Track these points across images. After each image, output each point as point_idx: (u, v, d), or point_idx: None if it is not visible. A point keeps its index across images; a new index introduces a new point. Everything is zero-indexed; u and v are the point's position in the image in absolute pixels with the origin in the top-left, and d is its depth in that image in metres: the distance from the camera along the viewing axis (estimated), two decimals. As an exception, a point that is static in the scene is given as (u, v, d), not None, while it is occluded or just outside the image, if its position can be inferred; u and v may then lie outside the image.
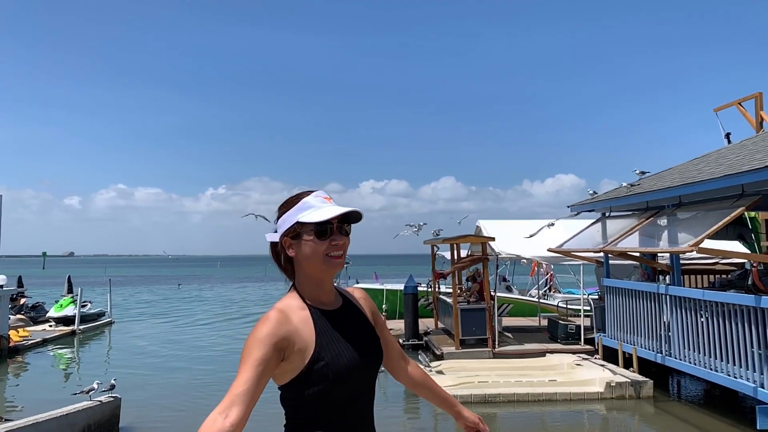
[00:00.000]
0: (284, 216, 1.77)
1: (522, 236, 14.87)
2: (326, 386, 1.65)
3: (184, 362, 14.55)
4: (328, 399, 1.67)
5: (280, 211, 1.80)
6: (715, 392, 10.44)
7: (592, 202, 12.65)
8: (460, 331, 13.08)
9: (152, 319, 24.40)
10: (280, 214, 1.79)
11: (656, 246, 9.76)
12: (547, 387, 10.33)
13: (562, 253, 12.66)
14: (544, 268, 21.55)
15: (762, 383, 7.71)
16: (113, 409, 8.59)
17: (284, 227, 1.76)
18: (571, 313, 16.44)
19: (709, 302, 8.78)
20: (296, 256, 1.77)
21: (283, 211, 1.78)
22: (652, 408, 9.82)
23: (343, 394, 1.69)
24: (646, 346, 10.54)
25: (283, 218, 1.77)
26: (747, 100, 12.92)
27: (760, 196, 8.14)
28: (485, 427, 2.14)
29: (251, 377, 1.55)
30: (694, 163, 11.00)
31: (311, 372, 1.65)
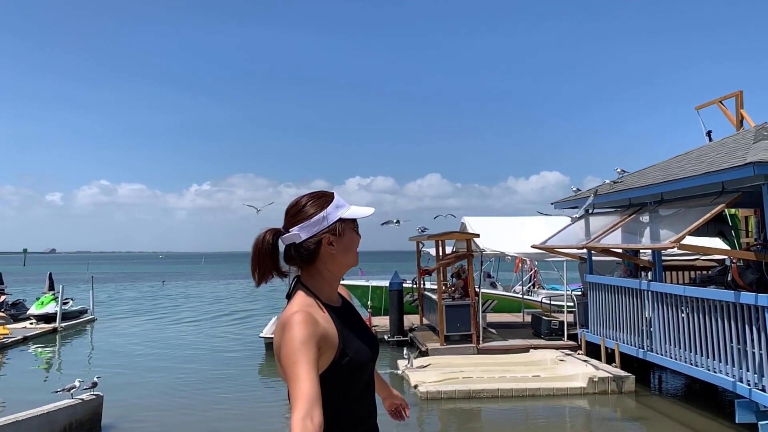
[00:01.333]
0: (322, 214, 1.84)
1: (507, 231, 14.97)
2: (350, 381, 1.77)
3: (168, 360, 14.45)
4: (350, 393, 1.79)
5: (309, 210, 1.85)
6: (695, 387, 10.60)
7: (576, 199, 12.74)
8: (444, 328, 13.14)
9: (136, 317, 24.20)
10: (311, 213, 1.84)
11: (638, 242, 9.86)
12: (531, 382, 10.41)
13: (546, 249, 12.75)
14: (528, 265, 21.68)
15: (740, 378, 7.83)
16: (95, 408, 8.51)
17: (323, 225, 1.83)
18: (555, 309, 16.57)
19: (690, 298, 8.90)
20: (334, 252, 1.85)
21: (314, 211, 1.84)
22: (634, 403, 9.94)
23: (360, 387, 1.82)
24: (628, 342, 10.66)
25: (320, 216, 1.83)
26: (728, 98, 13.07)
27: (739, 193, 8.24)
28: (407, 409, 2.34)
29: (315, 378, 1.61)
30: (676, 161, 11.12)
31: (338, 368, 1.75)
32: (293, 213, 1.87)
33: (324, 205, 1.86)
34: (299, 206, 1.87)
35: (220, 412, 9.76)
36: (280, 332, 1.72)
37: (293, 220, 1.86)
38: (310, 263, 1.86)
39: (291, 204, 1.91)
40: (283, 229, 1.87)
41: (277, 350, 1.73)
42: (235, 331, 19.71)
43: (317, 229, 1.83)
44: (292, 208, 1.88)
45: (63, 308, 19.66)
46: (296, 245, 1.84)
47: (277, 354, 1.73)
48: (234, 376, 12.42)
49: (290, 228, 1.85)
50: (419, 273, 16.96)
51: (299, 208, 1.87)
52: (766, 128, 9.43)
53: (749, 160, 7.54)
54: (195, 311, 26.35)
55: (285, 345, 1.66)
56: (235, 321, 22.44)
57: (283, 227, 1.88)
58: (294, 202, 1.90)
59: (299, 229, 1.84)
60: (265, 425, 9.00)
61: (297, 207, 1.88)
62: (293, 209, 1.88)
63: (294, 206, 1.88)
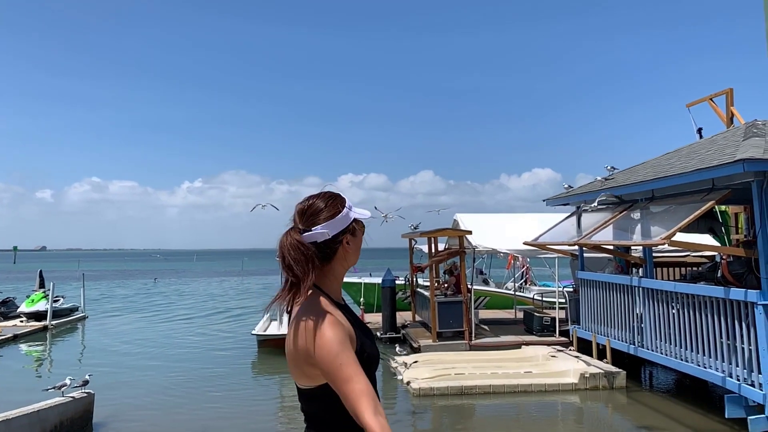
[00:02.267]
0: (344, 213, 1.89)
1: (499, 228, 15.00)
2: (368, 375, 1.78)
3: (160, 358, 14.40)
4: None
5: (332, 209, 1.89)
6: (685, 382, 10.67)
7: (567, 196, 12.79)
8: (437, 324, 13.16)
9: (127, 315, 24.09)
10: (335, 212, 1.88)
11: (629, 239, 9.90)
12: (523, 378, 10.45)
13: (538, 246, 12.78)
14: (520, 261, 21.75)
15: (730, 373, 7.89)
16: (86, 406, 8.48)
17: (342, 225, 1.89)
18: (547, 306, 16.63)
19: (681, 294, 8.96)
20: (349, 251, 1.92)
21: (336, 210, 1.89)
22: (625, 398, 10.00)
23: (373, 380, 1.84)
24: (620, 338, 10.72)
25: (342, 215, 1.89)
26: (718, 95, 13.15)
27: (729, 190, 8.29)
28: None
29: (364, 374, 1.70)
30: (666, 158, 11.17)
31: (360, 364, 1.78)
32: (312, 212, 1.89)
33: (342, 204, 1.92)
34: (318, 206, 1.90)
35: (212, 410, 9.74)
36: (308, 335, 1.73)
37: (314, 219, 1.87)
38: (328, 262, 1.89)
39: (307, 204, 1.92)
40: (302, 227, 1.87)
41: (303, 352, 1.75)
42: (227, 328, 19.66)
43: (340, 227, 1.88)
44: (310, 208, 1.90)
45: (53, 306, 19.55)
46: (319, 243, 1.85)
47: (302, 356, 1.75)
48: (226, 374, 12.40)
49: (311, 227, 1.86)
50: (412, 270, 16.98)
51: (320, 208, 1.89)
52: (756, 125, 9.49)
53: (739, 157, 7.58)
54: (187, 309, 26.26)
55: (324, 348, 1.70)
56: (228, 318, 22.38)
57: (302, 226, 1.87)
58: (310, 203, 1.91)
59: (325, 227, 1.86)
60: (258, 423, 8.99)
61: (316, 207, 1.90)
62: (312, 209, 1.90)
63: (312, 206, 1.90)
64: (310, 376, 1.77)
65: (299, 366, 1.78)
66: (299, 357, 1.77)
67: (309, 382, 1.78)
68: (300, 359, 1.76)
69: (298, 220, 1.90)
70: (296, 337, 1.77)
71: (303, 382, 1.80)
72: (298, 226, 1.88)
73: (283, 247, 1.83)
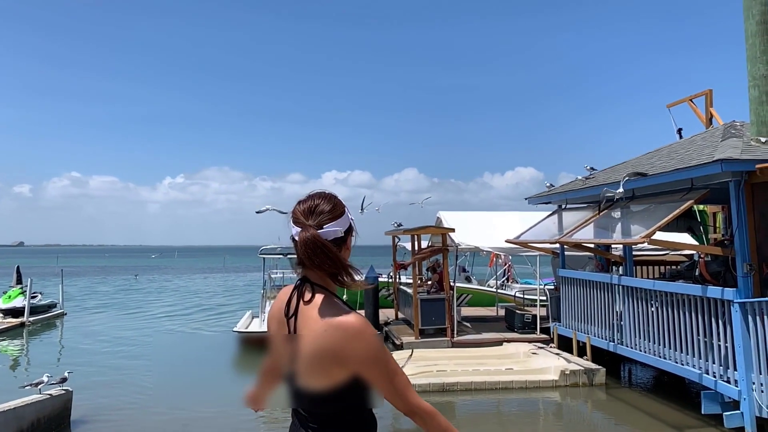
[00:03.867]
0: (344, 215, 1.91)
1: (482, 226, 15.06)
2: None
3: (139, 356, 14.27)
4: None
5: (338, 208, 1.90)
6: (663, 379, 10.82)
7: (549, 194, 12.88)
8: (419, 321, 13.18)
9: (107, 312, 23.82)
10: (341, 211, 1.90)
11: (610, 237, 10.01)
12: (504, 375, 10.52)
13: (520, 244, 12.87)
14: (502, 259, 21.86)
15: (707, 370, 8.02)
16: (64, 403, 8.37)
17: (347, 223, 1.91)
18: (528, 303, 16.75)
19: (659, 292, 9.07)
20: (348, 250, 1.94)
21: (340, 210, 1.90)
22: (605, 395, 10.12)
23: None
24: (600, 335, 10.83)
25: (343, 217, 1.90)
26: (698, 96, 13.33)
27: (708, 189, 8.41)
28: None
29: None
30: (647, 157, 11.30)
31: None
32: (321, 211, 1.87)
33: (342, 204, 1.93)
34: (324, 205, 1.89)
35: (192, 408, 9.67)
36: (346, 335, 1.73)
37: (322, 217, 1.86)
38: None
39: (313, 204, 1.89)
40: (314, 224, 1.85)
41: (333, 353, 1.73)
42: (209, 326, 19.53)
43: (347, 225, 1.91)
44: (317, 207, 1.88)
45: (31, 302, 19.27)
46: (330, 241, 1.85)
47: (329, 356, 1.74)
48: (207, 372, 12.32)
49: (323, 225, 1.85)
50: (395, 267, 16.99)
51: (327, 207, 1.88)
52: (734, 126, 9.64)
53: (717, 157, 7.70)
54: (168, 306, 26.03)
55: (370, 347, 1.75)
56: (209, 316, 22.23)
57: (313, 223, 1.85)
58: (316, 203, 1.89)
59: (337, 225, 1.86)
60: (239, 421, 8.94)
61: (323, 206, 1.89)
62: (319, 208, 1.88)
63: (318, 206, 1.88)
64: (333, 376, 1.74)
65: (323, 366, 1.74)
66: (325, 357, 1.74)
67: (328, 382, 1.75)
68: (326, 359, 1.74)
69: (305, 219, 1.87)
70: (322, 338, 1.74)
71: (321, 383, 1.75)
72: (310, 224, 1.85)
73: (308, 244, 1.80)
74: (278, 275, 19.43)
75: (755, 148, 8.14)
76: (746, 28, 8.54)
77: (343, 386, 1.74)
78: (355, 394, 1.76)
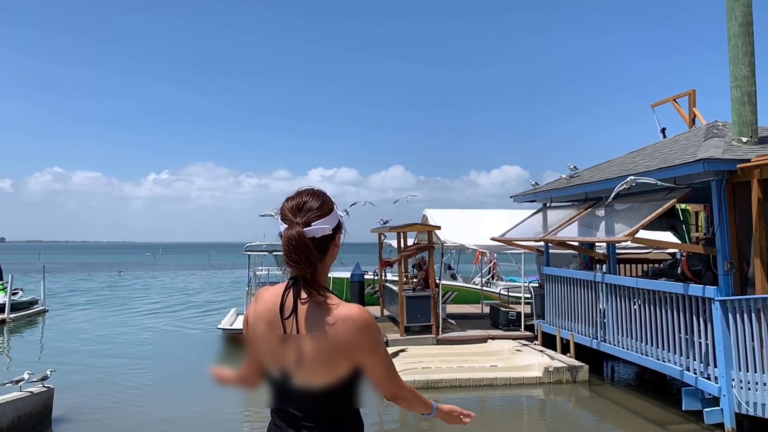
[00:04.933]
0: (333, 213, 1.91)
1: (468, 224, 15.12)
2: None
3: (122, 353, 14.14)
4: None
5: (326, 205, 1.90)
6: (645, 376, 10.94)
7: (534, 192, 12.95)
8: (405, 318, 13.21)
9: (90, 309, 23.57)
10: (329, 208, 1.89)
11: (594, 236, 10.09)
12: (488, 372, 10.58)
13: (505, 241, 12.93)
14: (487, 257, 21.96)
15: (688, 367, 8.12)
16: (45, 401, 8.28)
17: (336, 220, 1.91)
18: (513, 301, 16.84)
19: (642, 290, 9.16)
20: (337, 248, 1.94)
21: (329, 207, 1.90)
22: (587, 392, 10.21)
23: None
24: (583, 333, 10.92)
25: (334, 212, 1.91)
26: (681, 96, 13.46)
27: (690, 188, 8.51)
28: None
29: None
30: (630, 156, 11.40)
31: None
32: (309, 208, 1.87)
33: (331, 201, 1.93)
34: (312, 203, 1.88)
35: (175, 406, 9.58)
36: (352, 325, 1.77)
37: (310, 215, 1.86)
38: (323, 257, 1.88)
39: (301, 201, 1.89)
40: (301, 221, 1.85)
41: (345, 344, 1.76)
42: (193, 323, 19.41)
43: (336, 222, 1.90)
44: (306, 204, 1.88)
45: (12, 299, 19.02)
46: (318, 239, 1.85)
47: (340, 348, 1.76)
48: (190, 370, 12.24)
49: (311, 222, 1.85)
50: (381, 264, 17.00)
51: (314, 205, 1.88)
52: (717, 126, 9.75)
53: (699, 156, 7.79)
54: (152, 303, 25.84)
55: (374, 336, 1.81)
56: (194, 313, 22.09)
57: (300, 220, 1.85)
58: (304, 200, 1.89)
59: (326, 222, 1.86)
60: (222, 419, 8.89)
61: (312, 203, 1.88)
62: (308, 205, 1.87)
63: (307, 203, 1.88)
64: (338, 370, 1.77)
65: (330, 361, 1.76)
66: (335, 351, 1.76)
67: (332, 377, 1.77)
68: (336, 353, 1.76)
69: (293, 216, 1.87)
70: (332, 332, 1.76)
71: (325, 378, 1.77)
72: (297, 221, 1.85)
73: (291, 241, 1.81)
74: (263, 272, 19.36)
75: (737, 148, 8.24)
76: (729, 29, 8.64)
77: (344, 380, 1.78)
78: (352, 389, 1.80)
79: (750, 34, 8.52)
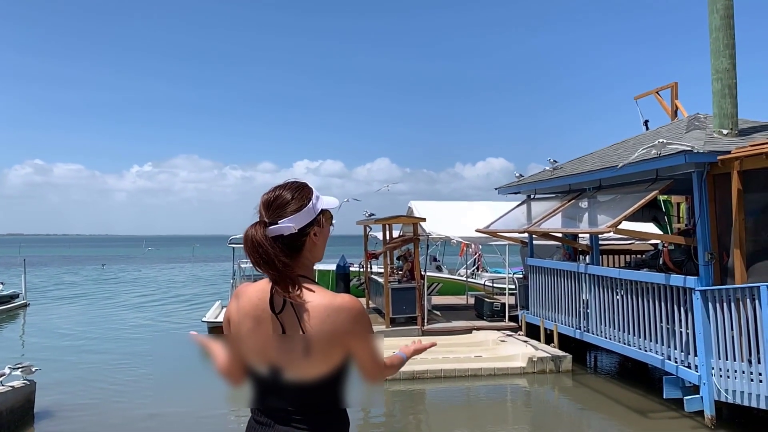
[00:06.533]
0: (309, 206, 1.88)
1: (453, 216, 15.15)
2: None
3: (106, 347, 14.03)
4: None
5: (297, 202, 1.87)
6: (627, 365, 11.08)
7: (518, 184, 13.02)
8: (390, 310, 13.24)
9: (72, 302, 23.34)
10: (300, 205, 1.87)
11: (577, 227, 10.17)
12: (473, 363, 10.65)
13: (489, 233, 12.99)
14: (472, 249, 22.05)
15: (669, 356, 8.24)
16: (27, 395, 8.20)
17: (309, 217, 1.88)
18: (497, 292, 16.95)
19: (624, 280, 9.27)
20: (317, 243, 1.92)
21: (302, 203, 1.87)
22: (571, 381, 10.32)
23: None
24: (566, 323, 11.03)
25: (309, 207, 1.87)
26: (664, 89, 13.56)
27: (672, 180, 8.60)
28: None
29: None
30: (613, 148, 11.48)
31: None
32: (279, 205, 1.86)
33: (309, 196, 1.90)
34: (285, 198, 1.87)
35: (159, 398, 9.57)
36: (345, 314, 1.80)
37: (281, 212, 1.85)
38: (298, 253, 1.87)
39: (273, 196, 1.89)
40: (268, 221, 1.85)
41: (341, 331, 1.80)
42: (177, 316, 19.30)
43: (307, 220, 1.87)
44: (277, 200, 1.87)
45: (-8, 293, 18.77)
46: (286, 237, 1.84)
47: (338, 336, 1.79)
48: (174, 363, 12.18)
49: (278, 220, 1.84)
50: (366, 256, 17.00)
51: (286, 200, 1.87)
52: (698, 119, 9.85)
53: (681, 148, 7.86)
54: (136, 296, 25.63)
55: (366, 323, 1.87)
56: (178, 306, 21.96)
57: (268, 219, 1.85)
58: (276, 195, 1.88)
59: (291, 221, 1.84)
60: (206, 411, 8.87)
61: (283, 199, 1.87)
62: (278, 201, 1.87)
63: (278, 198, 1.88)
64: (332, 359, 1.79)
65: (325, 351, 1.78)
66: (331, 340, 1.78)
67: (327, 367, 1.79)
68: (332, 342, 1.78)
69: (264, 213, 1.87)
70: (326, 323, 1.78)
71: (319, 369, 1.78)
72: (264, 219, 1.85)
73: (247, 240, 1.82)
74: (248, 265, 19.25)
75: (717, 140, 8.34)
76: (710, 22, 8.71)
77: (336, 369, 1.80)
78: (342, 377, 1.83)
79: (731, 27, 8.60)
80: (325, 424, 1.83)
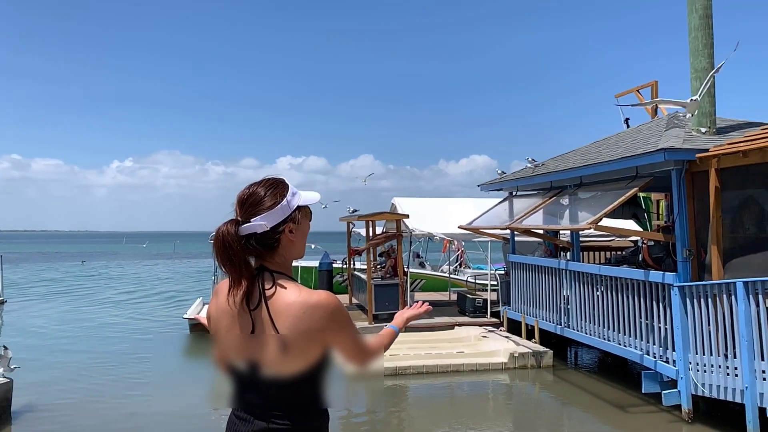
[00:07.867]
0: (284, 203, 1.86)
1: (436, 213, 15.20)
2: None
3: (86, 344, 13.88)
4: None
5: (270, 199, 1.86)
6: (607, 360, 11.22)
7: (501, 181, 13.08)
8: (373, 306, 13.26)
9: (51, 299, 23.03)
10: (273, 203, 1.85)
11: (558, 224, 10.25)
12: (455, 359, 10.71)
13: (472, 230, 13.04)
14: (455, 245, 22.14)
15: (648, 351, 8.35)
16: (4, 393, 8.07)
17: (284, 214, 1.86)
18: (480, 288, 17.04)
19: (605, 277, 9.37)
20: (294, 240, 1.90)
21: (275, 200, 1.86)
22: (552, 376, 10.42)
23: None
24: (547, 319, 11.13)
25: (282, 205, 1.86)
26: (644, 87, 13.70)
27: (651, 177, 8.70)
28: None
29: None
30: (595, 146, 11.59)
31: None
32: (253, 202, 1.86)
33: (283, 193, 1.88)
34: (259, 196, 1.87)
35: (141, 396, 9.48)
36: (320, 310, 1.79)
37: (254, 209, 1.85)
38: (274, 251, 1.87)
39: (247, 194, 1.88)
40: (241, 218, 1.84)
41: (317, 327, 1.79)
42: (158, 313, 19.13)
43: (280, 217, 1.85)
44: (251, 198, 1.87)
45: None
46: (259, 234, 1.83)
47: (313, 333, 1.78)
48: (156, 360, 12.08)
49: (251, 218, 1.83)
50: (349, 253, 16.99)
51: (260, 198, 1.86)
52: (678, 117, 9.97)
53: (661, 146, 7.96)
54: (116, 293, 25.36)
55: (343, 319, 1.85)
56: (159, 303, 21.77)
57: (241, 217, 1.85)
58: (251, 192, 1.88)
59: (263, 219, 1.84)
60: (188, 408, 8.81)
61: (256, 196, 1.86)
62: (252, 198, 1.86)
63: (252, 196, 1.87)
64: (310, 355, 1.79)
65: (302, 347, 1.77)
66: (307, 337, 1.78)
67: (304, 363, 1.78)
68: (308, 339, 1.78)
69: (238, 211, 1.87)
70: (302, 320, 1.77)
71: (297, 366, 1.78)
72: (237, 218, 1.85)
73: (218, 237, 1.82)
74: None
75: (696, 138, 8.45)
76: (689, 21, 8.82)
77: (314, 365, 1.80)
78: (320, 372, 1.82)
79: (710, 26, 8.71)
80: (303, 419, 1.82)
